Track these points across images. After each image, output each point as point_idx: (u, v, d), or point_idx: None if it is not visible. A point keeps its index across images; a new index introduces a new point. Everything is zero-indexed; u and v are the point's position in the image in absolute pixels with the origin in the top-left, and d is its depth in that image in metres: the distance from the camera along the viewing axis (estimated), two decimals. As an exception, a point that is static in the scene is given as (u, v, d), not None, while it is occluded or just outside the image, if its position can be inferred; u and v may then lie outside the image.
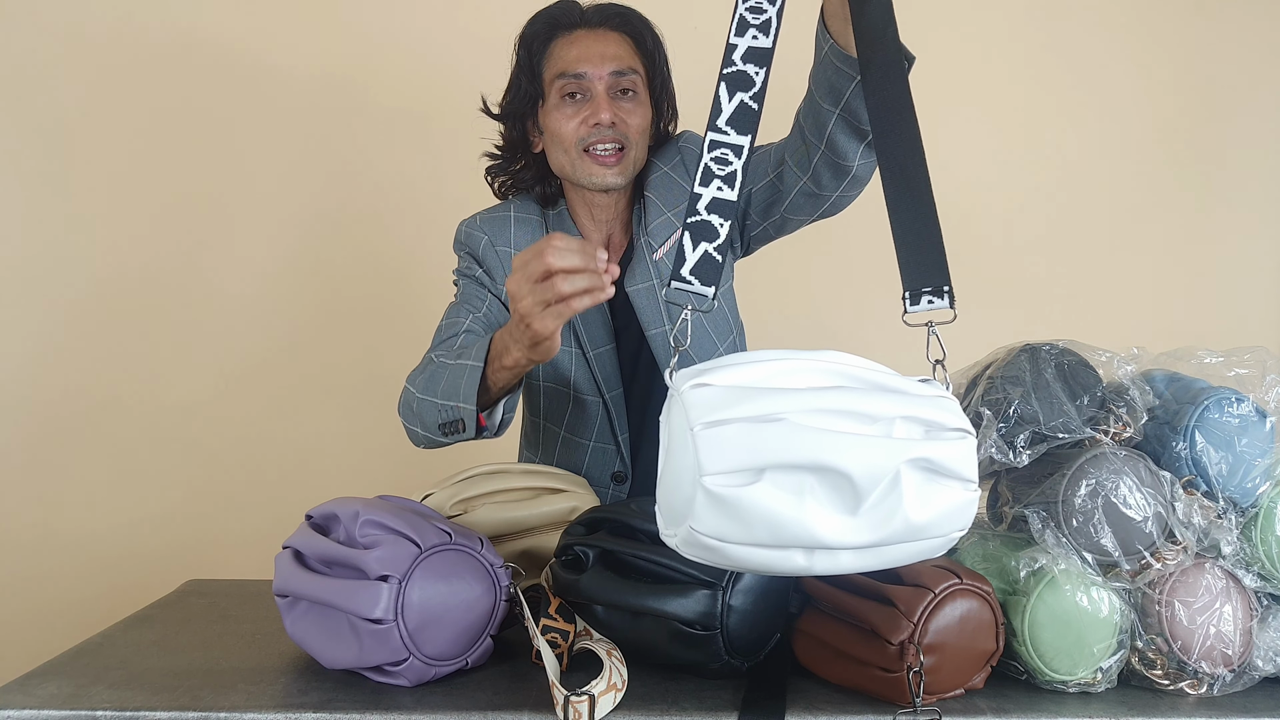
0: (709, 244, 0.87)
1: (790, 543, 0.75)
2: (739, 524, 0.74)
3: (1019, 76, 2.33)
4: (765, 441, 0.73)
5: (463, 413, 1.18)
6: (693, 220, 0.88)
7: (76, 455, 2.27)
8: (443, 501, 1.14)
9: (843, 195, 1.27)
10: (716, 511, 0.74)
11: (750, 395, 0.75)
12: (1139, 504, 0.92)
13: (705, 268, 0.87)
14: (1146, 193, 2.33)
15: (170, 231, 2.28)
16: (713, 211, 0.88)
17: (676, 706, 0.88)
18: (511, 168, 1.45)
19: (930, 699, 0.89)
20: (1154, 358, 1.04)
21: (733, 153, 0.88)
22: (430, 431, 1.24)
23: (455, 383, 1.19)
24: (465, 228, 1.44)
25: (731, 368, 0.78)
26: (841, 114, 1.13)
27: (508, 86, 1.41)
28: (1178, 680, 0.92)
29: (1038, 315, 2.30)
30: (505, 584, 0.96)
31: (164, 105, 2.26)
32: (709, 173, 0.89)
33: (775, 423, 0.74)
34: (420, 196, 2.29)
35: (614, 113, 1.32)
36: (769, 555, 0.76)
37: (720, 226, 0.88)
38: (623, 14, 1.38)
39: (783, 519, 0.73)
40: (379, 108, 2.28)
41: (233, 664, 1.01)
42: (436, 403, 1.21)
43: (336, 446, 2.31)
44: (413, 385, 1.27)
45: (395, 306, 2.30)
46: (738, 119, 0.88)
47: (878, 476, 0.74)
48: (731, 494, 0.73)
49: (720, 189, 0.88)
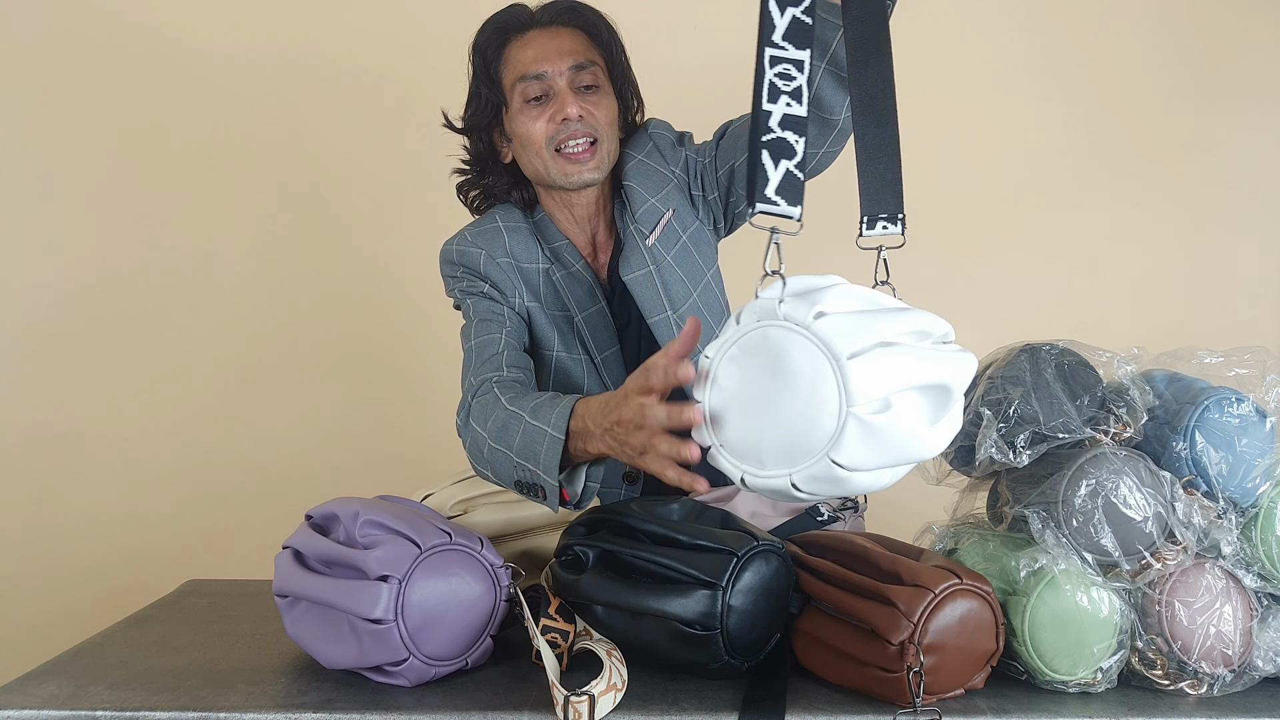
0: (789, 161, 0.83)
1: (909, 459, 0.78)
2: (879, 449, 0.75)
3: (1018, 76, 2.32)
4: (900, 367, 0.76)
5: (542, 481, 1.06)
6: (768, 138, 0.83)
7: (76, 455, 2.27)
8: (443, 501, 1.14)
9: (828, 152, 1.25)
10: (864, 440, 0.74)
11: (867, 322, 0.77)
12: (1139, 504, 0.92)
13: (790, 187, 0.83)
14: (1147, 192, 2.33)
15: (172, 229, 2.28)
16: (787, 128, 0.84)
17: (676, 706, 0.88)
18: (482, 180, 1.42)
19: (930, 699, 0.89)
20: (1154, 358, 1.04)
21: (795, 67, 0.85)
22: (504, 483, 1.14)
23: (533, 446, 1.06)
24: (456, 245, 1.38)
25: (827, 292, 0.79)
26: (828, 67, 1.12)
27: (468, 98, 1.37)
28: (1178, 680, 0.92)
29: (1038, 315, 2.30)
30: (505, 584, 0.96)
31: (166, 103, 2.26)
32: (775, 89, 0.84)
33: (896, 347, 0.76)
34: (422, 196, 2.29)
35: (580, 106, 1.30)
36: (887, 476, 0.79)
37: (796, 144, 0.84)
38: (573, 8, 1.35)
39: (914, 439, 0.76)
40: (376, 106, 2.28)
41: (233, 664, 1.01)
42: (512, 459, 1.09)
43: (336, 446, 2.31)
44: (482, 428, 1.15)
45: (396, 307, 2.30)
46: (793, 34, 0.85)
47: (962, 387, 0.79)
48: (878, 420, 0.74)
49: (790, 105, 0.84)
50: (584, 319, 1.37)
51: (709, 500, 1.19)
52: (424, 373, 2.30)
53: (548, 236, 1.38)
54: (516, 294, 1.36)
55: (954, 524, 1.07)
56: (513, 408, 1.13)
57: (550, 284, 1.36)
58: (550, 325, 1.36)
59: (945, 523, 1.08)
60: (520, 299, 1.36)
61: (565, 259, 1.37)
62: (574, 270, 1.37)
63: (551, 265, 1.37)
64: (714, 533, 0.93)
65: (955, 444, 1.01)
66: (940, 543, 1.05)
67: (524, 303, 1.36)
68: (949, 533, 1.05)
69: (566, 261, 1.37)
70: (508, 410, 1.13)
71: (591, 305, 1.37)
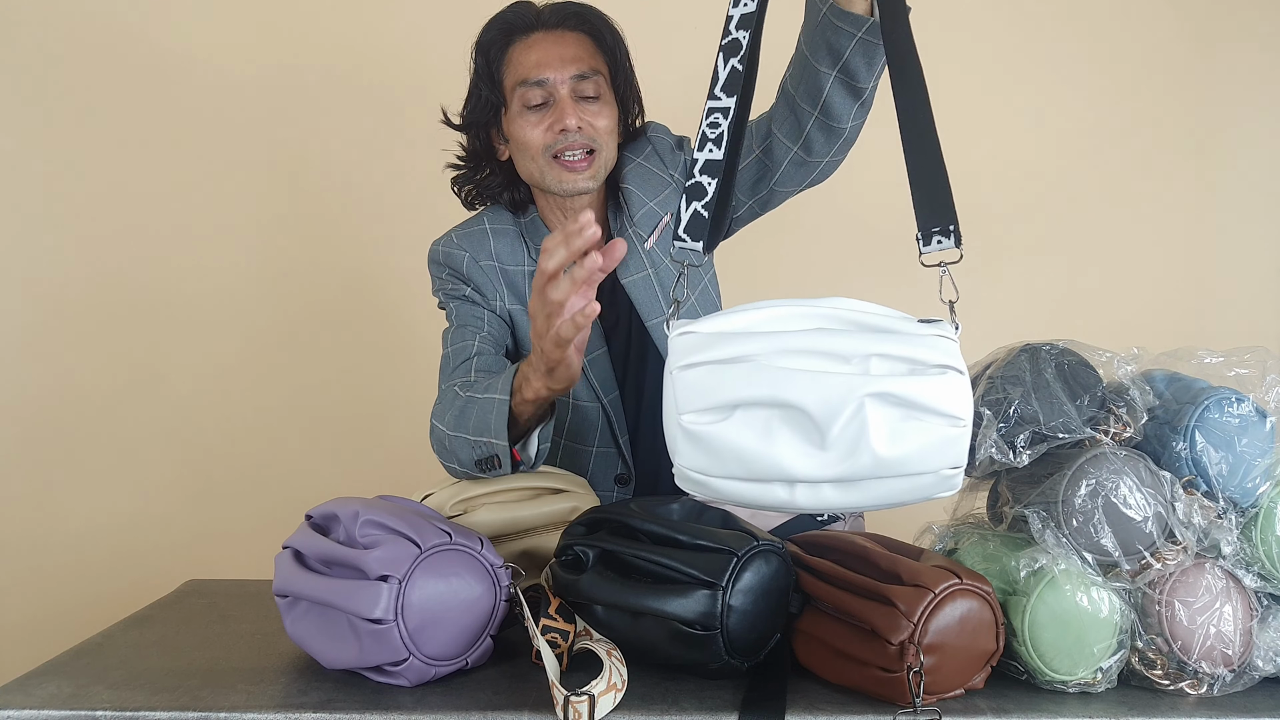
0: (698, 203, 0.94)
1: (765, 476, 0.82)
2: (714, 458, 0.82)
3: (1018, 76, 2.33)
4: (729, 381, 0.81)
5: (496, 449, 1.13)
6: (689, 183, 0.94)
7: (76, 455, 2.27)
8: (443, 501, 1.14)
9: (832, 160, 1.28)
10: (693, 447, 0.82)
11: (725, 340, 0.83)
12: (1139, 504, 0.92)
13: (695, 225, 0.94)
14: (1146, 192, 2.33)
15: (171, 228, 2.28)
16: (704, 173, 0.94)
17: (676, 706, 0.88)
18: (476, 176, 1.42)
19: (930, 699, 0.89)
20: (1154, 358, 1.04)
21: (722, 115, 0.93)
22: (468, 468, 1.20)
23: (484, 418, 1.14)
24: (442, 247, 1.41)
25: (721, 316, 0.86)
26: (839, 75, 1.15)
27: (468, 95, 1.38)
28: (1178, 680, 0.92)
29: (1038, 315, 2.30)
30: (505, 584, 0.96)
31: (168, 101, 2.26)
32: (704, 138, 0.94)
33: (740, 363, 0.81)
34: (422, 196, 2.29)
35: (579, 117, 1.30)
36: (751, 488, 0.83)
37: (709, 186, 0.94)
38: (580, 13, 1.35)
39: (751, 452, 0.81)
40: (373, 104, 2.28)
41: (233, 664, 1.01)
42: (469, 439, 1.17)
43: (337, 446, 2.31)
44: (441, 423, 1.22)
45: (396, 307, 2.30)
46: (729, 83, 0.93)
47: (836, 410, 0.80)
48: (704, 430, 0.82)
49: (711, 150, 0.94)
50: None
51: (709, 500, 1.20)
52: (424, 373, 2.29)
53: (538, 238, 1.38)
54: (498, 296, 1.38)
55: (954, 524, 1.07)
56: (465, 394, 1.21)
57: None
58: None
59: (945, 523, 1.08)
60: (502, 301, 1.38)
61: None
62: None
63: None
64: (714, 533, 0.93)
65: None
66: (940, 543, 1.05)
67: (505, 305, 1.38)
68: (949, 533, 1.05)
69: None
70: (463, 398, 1.21)
71: None
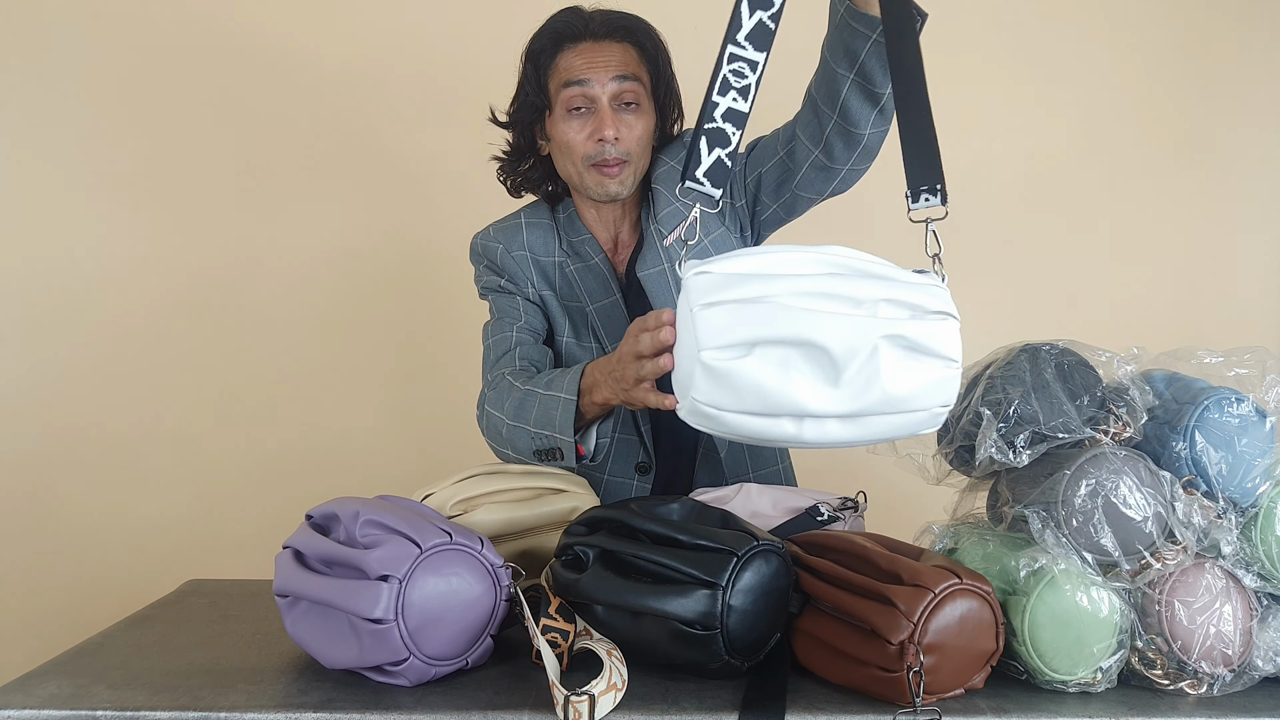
0: (722, 150, 0.96)
1: (778, 410, 0.85)
2: (732, 393, 0.85)
3: (1018, 76, 2.33)
4: (753, 319, 0.84)
5: (560, 443, 1.25)
6: (709, 126, 0.96)
7: (76, 455, 2.27)
8: (443, 501, 1.14)
9: (853, 169, 1.31)
10: (713, 383, 0.85)
11: (743, 280, 0.86)
12: (1139, 504, 0.92)
13: (717, 172, 0.97)
14: (1146, 192, 2.33)
15: (169, 235, 2.28)
16: (728, 120, 0.96)
17: (676, 706, 0.88)
18: (519, 168, 1.51)
19: (930, 699, 0.89)
20: (1154, 358, 1.04)
21: (749, 68, 0.95)
22: (524, 456, 1.31)
23: (548, 413, 1.25)
24: (480, 240, 1.52)
25: (733, 258, 0.88)
26: (856, 78, 1.18)
27: (514, 96, 1.46)
28: (1178, 680, 0.92)
29: (1038, 315, 2.30)
30: (505, 584, 0.96)
31: (172, 106, 2.26)
32: (726, 84, 0.95)
33: (762, 303, 0.84)
34: (425, 198, 2.29)
35: (617, 128, 1.37)
36: (761, 423, 0.86)
37: (732, 135, 0.96)
38: (626, 26, 1.41)
39: (769, 388, 0.84)
40: (371, 102, 2.28)
41: (233, 664, 1.01)
42: (529, 430, 1.28)
43: (336, 446, 2.31)
44: (499, 411, 1.33)
45: (397, 308, 2.30)
46: (756, 36, 0.95)
47: (855, 350, 0.84)
48: (724, 366, 0.84)
49: (735, 100, 0.96)
50: (596, 310, 1.46)
51: (709, 500, 1.20)
52: (424, 373, 2.31)
53: (573, 230, 1.48)
54: (529, 282, 1.48)
55: (954, 524, 1.07)
56: (526, 387, 1.31)
57: (564, 276, 1.47)
58: (562, 314, 1.48)
59: (945, 523, 1.08)
60: (533, 286, 1.48)
61: (585, 252, 1.47)
62: (591, 264, 1.46)
63: (567, 258, 1.47)
64: (714, 532, 0.93)
65: (955, 444, 1.02)
66: (940, 543, 1.05)
67: (537, 290, 1.48)
68: (949, 533, 1.05)
69: (585, 255, 1.47)
70: (522, 390, 1.31)
71: (606, 297, 1.46)
